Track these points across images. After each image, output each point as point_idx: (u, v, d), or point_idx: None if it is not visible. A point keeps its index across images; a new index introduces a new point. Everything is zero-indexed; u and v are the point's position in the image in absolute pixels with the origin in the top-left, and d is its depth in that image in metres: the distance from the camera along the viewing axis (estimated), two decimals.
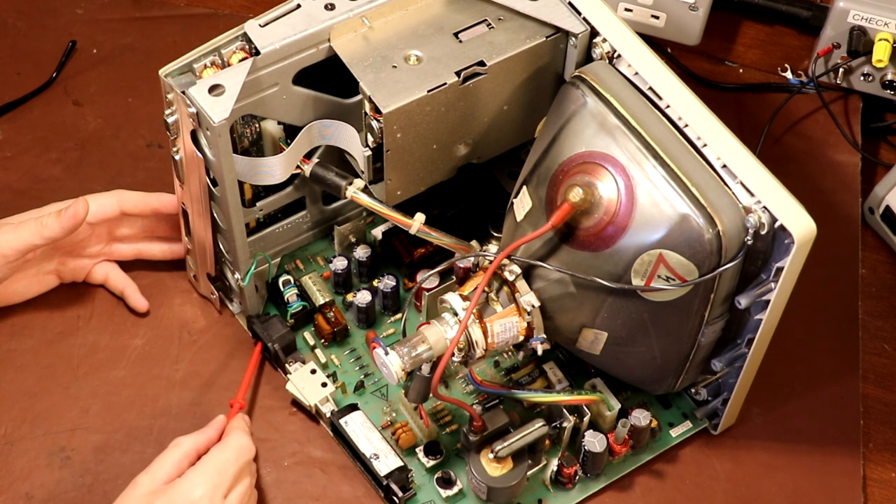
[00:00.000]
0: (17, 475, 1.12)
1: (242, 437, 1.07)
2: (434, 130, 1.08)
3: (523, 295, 1.05)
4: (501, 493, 1.09)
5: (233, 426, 1.10)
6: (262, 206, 1.16)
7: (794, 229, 0.98)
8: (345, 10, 1.06)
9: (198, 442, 1.07)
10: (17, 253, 1.13)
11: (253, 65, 1.04)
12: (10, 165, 1.29)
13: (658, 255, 1.00)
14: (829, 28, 1.35)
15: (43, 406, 1.15)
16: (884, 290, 1.27)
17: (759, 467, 1.15)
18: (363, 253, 1.20)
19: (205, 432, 1.08)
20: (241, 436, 1.07)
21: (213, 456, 1.05)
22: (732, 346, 1.08)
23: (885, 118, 1.39)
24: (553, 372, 1.16)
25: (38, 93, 1.34)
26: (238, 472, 1.05)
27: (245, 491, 1.06)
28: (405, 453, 1.13)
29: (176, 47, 1.35)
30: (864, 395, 1.20)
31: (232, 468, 1.05)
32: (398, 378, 1.05)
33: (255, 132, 1.11)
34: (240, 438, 1.07)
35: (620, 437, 1.12)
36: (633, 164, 1.01)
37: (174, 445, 1.06)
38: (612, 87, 1.04)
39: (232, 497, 1.04)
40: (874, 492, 1.16)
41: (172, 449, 1.06)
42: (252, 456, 1.08)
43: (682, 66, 1.40)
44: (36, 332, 1.19)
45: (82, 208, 1.12)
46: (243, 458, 1.06)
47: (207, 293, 1.20)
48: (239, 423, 1.10)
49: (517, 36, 1.08)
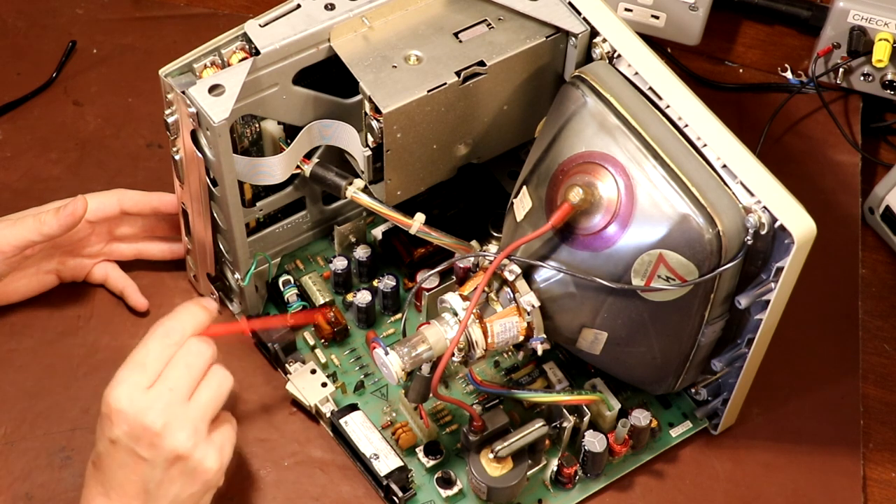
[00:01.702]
0: (17, 475, 1.12)
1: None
2: (434, 130, 1.08)
3: (523, 295, 1.05)
4: (501, 493, 1.09)
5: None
6: (262, 206, 1.16)
7: (794, 229, 0.97)
8: (345, 10, 1.06)
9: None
10: (15, 249, 1.13)
11: (253, 65, 1.04)
12: (10, 165, 1.29)
13: (658, 255, 1.00)
14: (829, 28, 1.35)
15: (43, 406, 1.15)
16: (884, 290, 1.27)
17: (759, 467, 1.15)
18: (363, 253, 1.20)
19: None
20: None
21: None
22: (732, 346, 1.08)
23: (885, 118, 1.39)
24: (553, 372, 1.16)
25: (38, 93, 1.34)
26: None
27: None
28: (405, 453, 1.13)
29: (176, 47, 1.35)
30: (864, 395, 1.20)
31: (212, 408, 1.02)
32: (398, 378, 1.05)
33: (255, 132, 1.11)
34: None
35: (620, 437, 1.12)
36: (633, 164, 1.01)
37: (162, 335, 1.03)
38: (612, 87, 1.04)
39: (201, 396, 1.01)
40: (874, 492, 1.16)
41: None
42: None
43: (682, 66, 1.40)
44: (36, 332, 1.19)
45: (81, 206, 1.12)
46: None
47: (207, 293, 1.20)
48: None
49: (517, 36, 1.08)
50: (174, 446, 0.98)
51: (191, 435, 0.99)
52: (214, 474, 1.01)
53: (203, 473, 1.00)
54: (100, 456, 1.00)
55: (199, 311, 1.04)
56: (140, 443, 0.98)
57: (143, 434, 0.98)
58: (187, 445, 0.99)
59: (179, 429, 0.99)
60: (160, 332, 1.02)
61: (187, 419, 0.99)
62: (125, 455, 0.99)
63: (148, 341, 1.01)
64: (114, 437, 0.99)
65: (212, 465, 1.00)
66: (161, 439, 0.98)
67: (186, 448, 0.99)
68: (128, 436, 0.98)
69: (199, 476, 1.00)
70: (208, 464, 1.00)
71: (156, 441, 0.98)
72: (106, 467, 1.00)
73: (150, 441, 0.98)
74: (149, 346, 1.01)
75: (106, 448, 1.00)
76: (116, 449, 0.99)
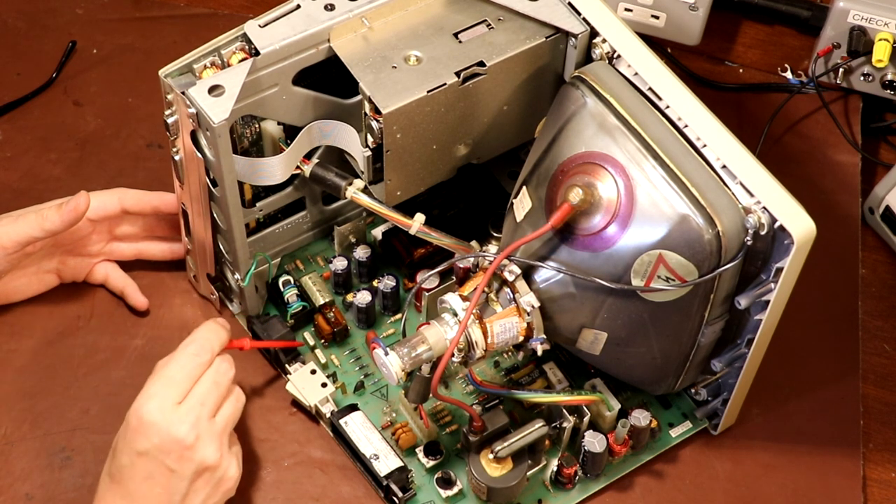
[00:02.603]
0: (17, 475, 1.12)
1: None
2: (434, 131, 1.08)
3: (523, 295, 1.05)
4: (501, 493, 1.09)
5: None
6: (262, 207, 1.16)
7: (794, 230, 0.97)
8: (344, 11, 1.06)
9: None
10: (17, 245, 1.13)
11: (253, 65, 1.04)
12: (10, 165, 1.29)
13: (658, 256, 1.00)
14: (829, 28, 1.35)
15: (43, 406, 1.15)
16: (884, 290, 1.27)
17: (759, 467, 1.15)
18: (363, 253, 1.20)
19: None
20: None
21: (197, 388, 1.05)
22: (732, 346, 1.08)
23: (885, 118, 1.39)
24: (553, 372, 1.16)
25: (38, 93, 1.34)
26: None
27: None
28: (405, 453, 1.13)
29: (176, 47, 1.35)
30: (864, 395, 1.20)
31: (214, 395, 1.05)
32: (398, 378, 1.05)
33: (255, 132, 1.11)
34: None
35: (620, 438, 1.12)
36: (633, 164, 1.01)
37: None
38: (611, 87, 1.04)
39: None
40: (874, 492, 1.16)
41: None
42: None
43: (682, 66, 1.40)
44: (36, 332, 1.19)
45: (83, 202, 1.12)
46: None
47: (207, 293, 1.20)
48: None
49: (517, 36, 1.08)
50: (203, 458, 1.02)
51: (218, 447, 1.03)
52: (234, 483, 1.06)
53: (225, 483, 1.05)
54: (121, 469, 1.02)
55: (221, 330, 1.08)
56: (170, 455, 1.01)
57: (173, 447, 1.01)
58: (216, 457, 1.03)
59: (209, 442, 1.03)
60: (191, 349, 1.05)
61: (214, 433, 1.03)
62: (154, 467, 1.01)
63: (179, 358, 1.05)
64: (143, 449, 1.01)
65: (233, 474, 1.05)
66: (192, 452, 1.02)
67: (215, 460, 1.03)
68: (157, 448, 1.01)
69: (221, 486, 1.05)
70: (231, 473, 1.05)
71: (186, 454, 1.01)
72: (128, 480, 1.02)
73: (181, 454, 1.01)
74: (181, 363, 1.05)
75: (131, 460, 1.02)
76: (144, 461, 1.01)
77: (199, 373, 1.05)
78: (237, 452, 1.07)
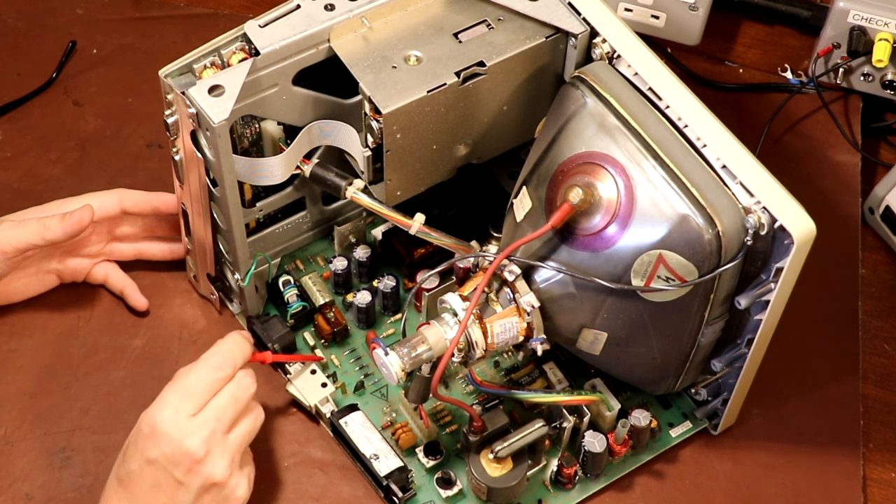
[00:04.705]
0: (17, 475, 1.12)
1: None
2: (434, 131, 1.08)
3: (523, 295, 1.05)
4: (501, 493, 1.09)
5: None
6: (262, 207, 1.16)
7: (794, 230, 0.98)
8: (344, 11, 1.06)
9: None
10: (17, 251, 1.13)
11: (253, 65, 1.04)
12: (10, 165, 1.29)
13: (658, 256, 1.00)
14: (829, 28, 1.35)
15: (43, 406, 1.15)
16: (884, 290, 1.27)
17: (759, 467, 1.15)
18: (363, 253, 1.20)
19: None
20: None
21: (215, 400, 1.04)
22: (732, 346, 1.08)
23: (885, 118, 1.39)
24: (553, 372, 1.16)
25: (38, 93, 1.34)
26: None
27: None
28: (405, 453, 1.13)
29: (176, 47, 1.35)
30: (864, 395, 1.20)
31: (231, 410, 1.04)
32: (398, 378, 1.05)
33: (255, 133, 1.11)
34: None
35: (620, 438, 1.12)
36: (633, 164, 1.01)
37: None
38: (611, 87, 1.04)
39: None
40: (874, 492, 1.16)
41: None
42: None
43: (681, 66, 1.40)
44: (36, 332, 1.19)
45: (87, 215, 1.12)
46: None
47: (207, 293, 1.20)
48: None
49: (517, 36, 1.08)
50: (212, 474, 1.01)
51: (228, 464, 1.02)
52: (241, 503, 1.04)
53: (233, 502, 1.03)
54: (130, 474, 1.01)
55: (245, 343, 1.07)
56: (179, 467, 1.00)
57: (182, 459, 1.00)
58: (225, 474, 1.02)
59: (220, 458, 1.01)
60: (213, 361, 1.04)
61: (227, 449, 1.02)
62: (161, 476, 1.01)
63: (199, 368, 1.04)
64: (152, 457, 1.00)
65: (241, 494, 1.04)
66: (201, 466, 1.01)
67: (223, 477, 1.02)
68: (167, 458, 1.00)
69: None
70: (239, 493, 1.04)
71: (195, 467, 1.00)
72: (136, 486, 1.01)
73: (189, 467, 1.00)
74: (200, 374, 1.03)
75: (140, 466, 1.01)
76: (152, 469, 1.01)
77: (219, 386, 1.03)
78: (249, 473, 1.06)
